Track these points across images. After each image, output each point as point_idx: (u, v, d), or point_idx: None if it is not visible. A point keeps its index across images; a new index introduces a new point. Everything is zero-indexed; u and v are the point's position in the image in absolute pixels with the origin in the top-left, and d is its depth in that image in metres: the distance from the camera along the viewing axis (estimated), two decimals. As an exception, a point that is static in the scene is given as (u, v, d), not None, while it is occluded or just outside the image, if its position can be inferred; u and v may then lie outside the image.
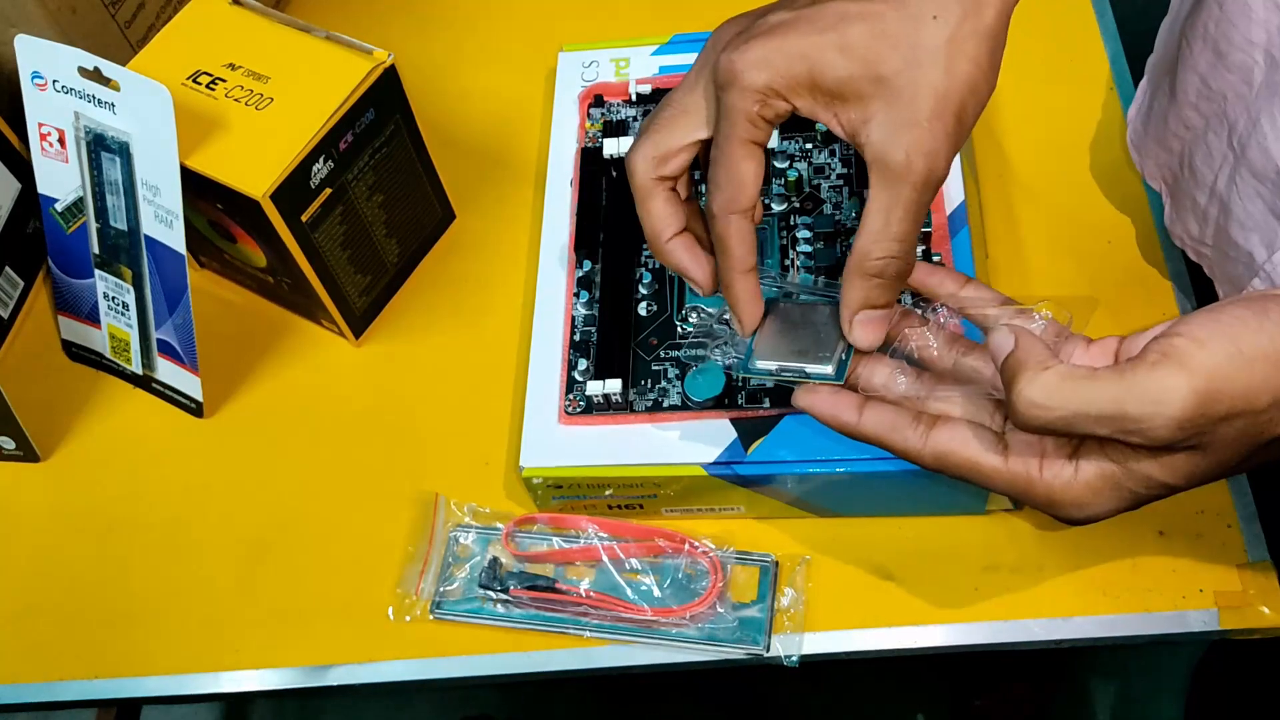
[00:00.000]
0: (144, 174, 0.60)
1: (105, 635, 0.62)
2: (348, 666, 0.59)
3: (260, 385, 0.68)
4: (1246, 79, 0.52)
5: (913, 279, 0.49)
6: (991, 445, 0.44)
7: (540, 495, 0.59)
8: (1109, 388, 0.40)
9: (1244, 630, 0.55)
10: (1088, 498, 0.43)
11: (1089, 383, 0.40)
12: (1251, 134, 0.51)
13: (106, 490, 0.66)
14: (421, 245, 0.70)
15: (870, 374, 0.49)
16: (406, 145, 0.65)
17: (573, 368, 0.59)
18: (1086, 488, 0.43)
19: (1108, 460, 0.42)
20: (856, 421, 0.47)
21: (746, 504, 0.58)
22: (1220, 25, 0.52)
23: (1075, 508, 0.43)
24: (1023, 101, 0.70)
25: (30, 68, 0.60)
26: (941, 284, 0.49)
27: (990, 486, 0.45)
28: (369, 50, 0.61)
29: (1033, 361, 0.41)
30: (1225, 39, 0.52)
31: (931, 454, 0.45)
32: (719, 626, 0.57)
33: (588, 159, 0.65)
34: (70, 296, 0.67)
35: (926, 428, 0.45)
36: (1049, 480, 0.43)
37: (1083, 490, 0.43)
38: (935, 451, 0.45)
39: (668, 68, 0.68)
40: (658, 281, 0.61)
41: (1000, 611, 0.56)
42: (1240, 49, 0.51)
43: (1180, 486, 0.42)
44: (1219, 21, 0.52)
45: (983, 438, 0.45)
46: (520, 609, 0.59)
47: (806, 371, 0.49)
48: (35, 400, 0.67)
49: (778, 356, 0.50)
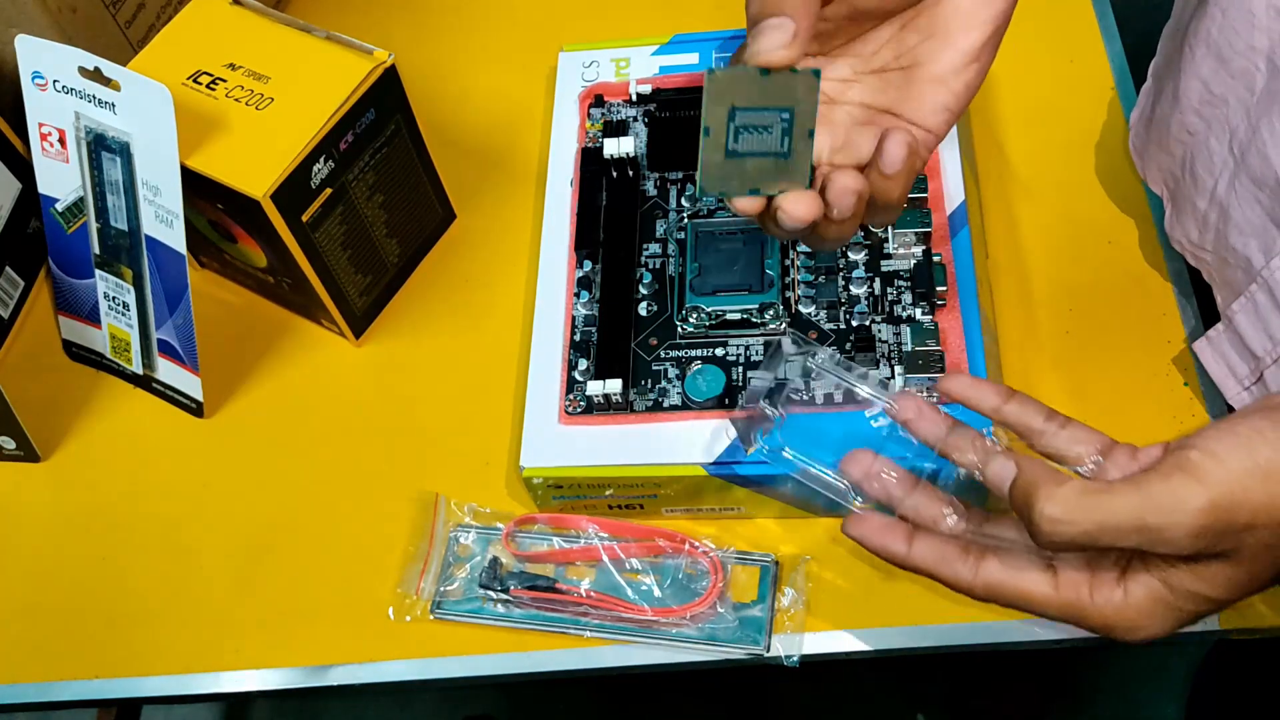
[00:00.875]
0: (144, 174, 0.60)
1: (105, 635, 0.62)
2: (348, 666, 0.59)
3: (260, 385, 0.68)
4: (1248, 85, 0.52)
5: (955, 390, 0.49)
6: (1041, 575, 0.45)
7: (540, 495, 0.59)
8: (1127, 498, 0.41)
9: (1244, 630, 0.55)
10: (1141, 620, 0.44)
11: (1107, 495, 0.41)
12: (1251, 140, 0.51)
13: (107, 490, 0.66)
14: (422, 245, 0.70)
15: (919, 506, 0.49)
16: (407, 145, 0.65)
17: (573, 368, 0.59)
18: (1138, 611, 0.44)
19: (1154, 579, 0.43)
20: (906, 553, 0.47)
21: (747, 504, 0.58)
22: (1223, 31, 0.52)
23: (1129, 631, 0.44)
24: (1023, 101, 0.70)
25: (31, 68, 0.60)
26: (983, 398, 0.49)
27: (1045, 616, 0.46)
28: (369, 50, 0.61)
29: (1044, 480, 0.42)
30: (1228, 45, 0.52)
31: (983, 586, 0.46)
32: (719, 626, 0.57)
33: (588, 159, 0.65)
34: (71, 296, 0.67)
35: (976, 559, 0.46)
36: (1100, 606, 0.44)
37: (1135, 613, 0.44)
38: (986, 583, 0.46)
39: (668, 68, 0.68)
40: (658, 281, 0.61)
41: (1000, 612, 0.56)
42: (1242, 55, 0.51)
43: (1225, 599, 0.43)
44: (1221, 27, 0.52)
45: (1033, 567, 0.46)
46: (521, 609, 0.59)
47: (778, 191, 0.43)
48: (36, 400, 0.67)
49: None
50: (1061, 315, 0.63)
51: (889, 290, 0.59)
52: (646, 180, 0.64)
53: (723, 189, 0.41)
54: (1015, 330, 0.63)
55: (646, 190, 0.64)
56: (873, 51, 0.46)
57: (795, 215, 0.42)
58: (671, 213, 0.63)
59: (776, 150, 0.41)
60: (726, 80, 0.40)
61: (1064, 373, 0.61)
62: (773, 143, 0.41)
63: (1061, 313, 0.63)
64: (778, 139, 0.41)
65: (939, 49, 0.44)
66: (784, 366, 0.56)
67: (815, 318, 0.58)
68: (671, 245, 0.61)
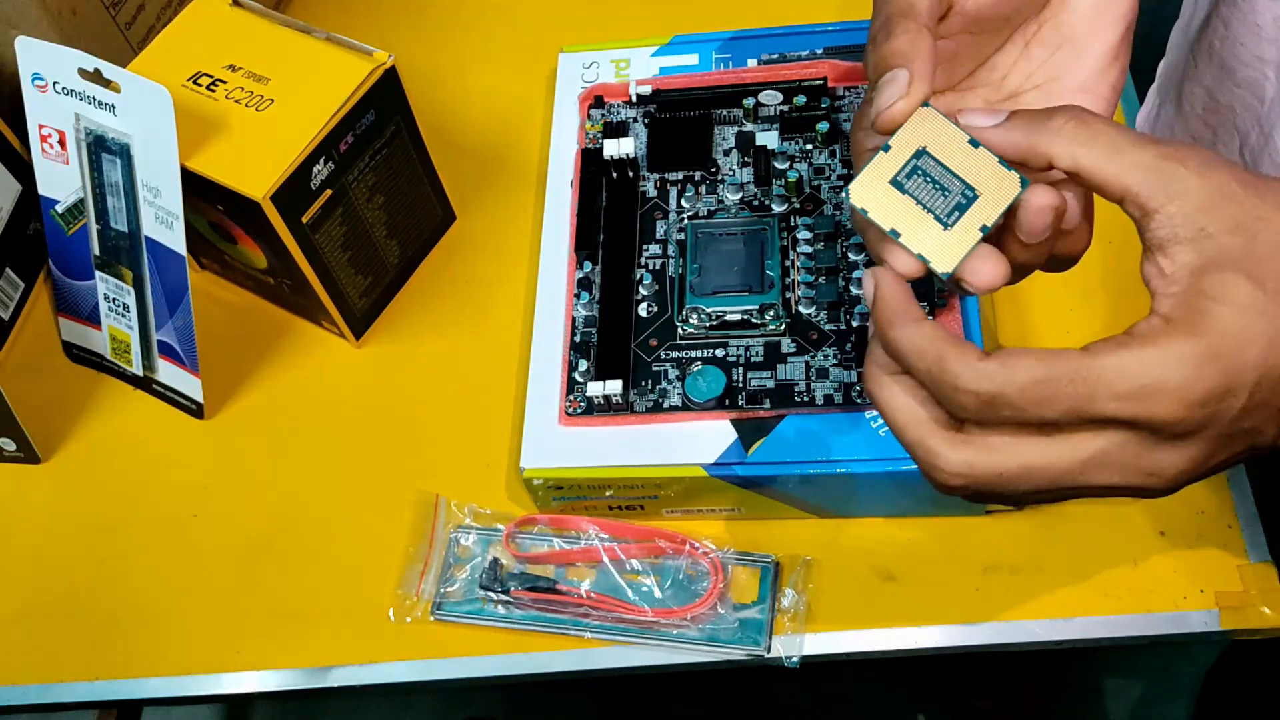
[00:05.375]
0: (144, 175, 0.60)
1: (106, 636, 0.62)
2: (348, 668, 0.59)
3: (261, 386, 0.68)
4: (1257, 94, 0.52)
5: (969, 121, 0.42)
6: None
7: (541, 496, 0.59)
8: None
9: (1245, 630, 0.55)
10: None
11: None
12: (1264, 148, 0.51)
13: (107, 492, 0.66)
14: (422, 246, 0.70)
15: None
16: (407, 146, 0.65)
17: (573, 369, 0.59)
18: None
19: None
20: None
21: (747, 505, 0.58)
22: (1226, 43, 0.52)
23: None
24: (1023, 102, 0.70)
25: (31, 69, 0.60)
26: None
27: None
28: (369, 51, 0.61)
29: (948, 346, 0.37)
30: (1232, 56, 0.52)
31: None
32: (720, 627, 0.57)
33: (588, 160, 0.65)
34: (71, 298, 0.67)
35: None
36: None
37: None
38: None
39: (668, 68, 0.68)
40: (658, 282, 0.61)
41: (1001, 612, 0.56)
42: (1248, 65, 0.52)
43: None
44: (1224, 39, 0.52)
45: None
46: (521, 610, 0.59)
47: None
48: (36, 402, 0.67)
49: None
50: (1062, 315, 0.63)
51: (889, 291, 0.59)
52: (646, 181, 0.64)
53: (865, 207, 0.40)
54: (1015, 330, 0.63)
55: (646, 191, 0.64)
56: (1002, 77, 0.43)
57: (978, 283, 0.39)
58: (671, 213, 0.63)
59: (940, 215, 0.40)
60: (935, 123, 0.39)
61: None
62: (940, 206, 0.40)
63: (1062, 313, 0.63)
64: (947, 207, 0.40)
65: (1073, 58, 0.42)
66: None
67: (815, 318, 0.58)
68: (671, 246, 0.61)
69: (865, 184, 0.40)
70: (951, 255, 0.39)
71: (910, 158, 0.40)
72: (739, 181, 0.63)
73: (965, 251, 0.39)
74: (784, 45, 0.67)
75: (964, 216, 0.39)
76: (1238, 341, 0.35)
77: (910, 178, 0.40)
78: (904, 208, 0.40)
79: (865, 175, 0.40)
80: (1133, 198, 0.37)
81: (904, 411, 0.39)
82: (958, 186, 0.39)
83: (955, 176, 0.39)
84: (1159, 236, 0.36)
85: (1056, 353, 0.36)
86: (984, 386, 0.36)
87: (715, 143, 0.64)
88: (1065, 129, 0.37)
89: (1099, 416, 0.36)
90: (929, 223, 0.39)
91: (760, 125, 0.64)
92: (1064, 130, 0.37)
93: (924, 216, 0.39)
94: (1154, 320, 0.36)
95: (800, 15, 0.68)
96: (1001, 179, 0.39)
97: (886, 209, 0.40)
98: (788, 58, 0.67)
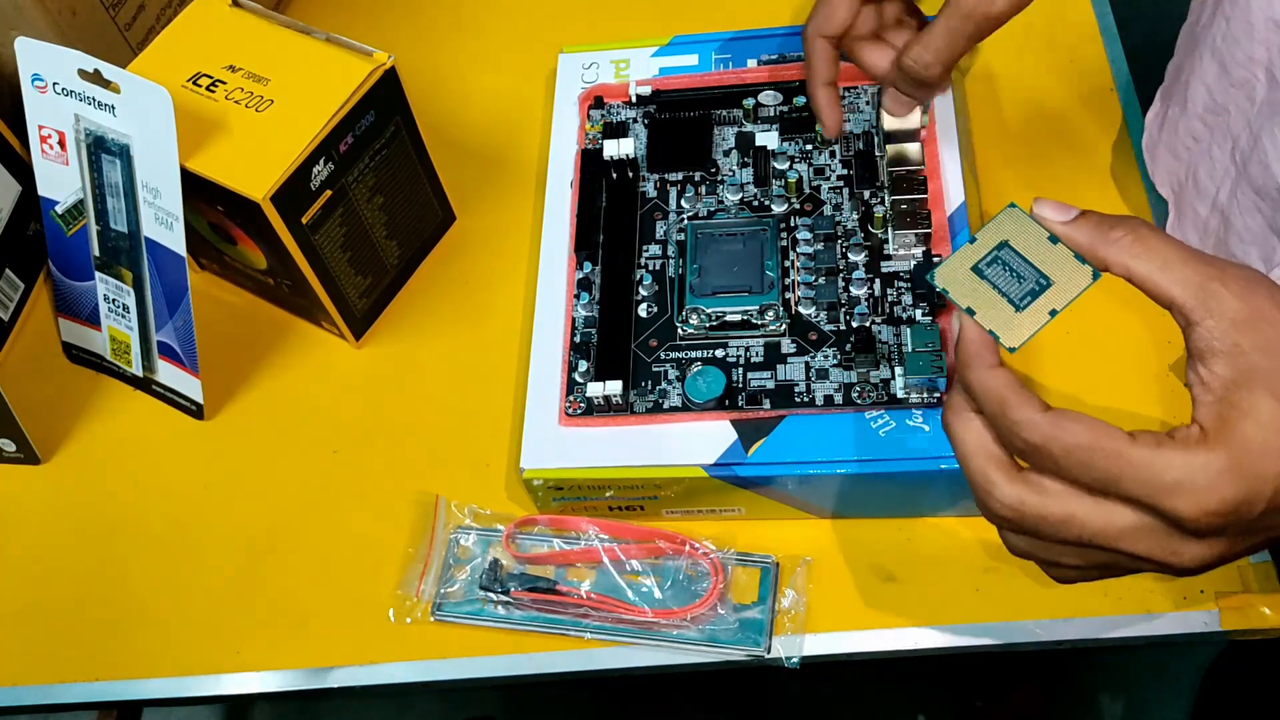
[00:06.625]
0: (144, 176, 0.60)
1: (106, 637, 0.62)
2: (349, 668, 0.59)
3: (261, 387, 0.68)
4: (1249, 95, 0.52)
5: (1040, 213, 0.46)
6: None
7: (541, 497, 0.59)
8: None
9: (1245, 631, 0.55)
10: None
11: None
12: (1253, 150, 0.51)
13: (107, 492, 0.66)
14: (422, 247, 0.70)
15: None
16: (407, 147, 0.65)
17: (573, 369, 0.59)
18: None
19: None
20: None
21: (747, 505, 0.58)
22: (1226, 40, 0.52)
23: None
24: (1024, 102, 0.70)
25: (30, 70, 0.60)
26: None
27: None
28: (369, 52, 0.61)
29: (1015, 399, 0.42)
30: (1230, 54, 0.52)
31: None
32: (720, 628, 0.57)
33: (588, 160, 0.65)
34: (71, 299, 0.67)
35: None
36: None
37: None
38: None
39: (668, 69, 0.68)
40: (658, 283, 0.61)
41: (1001, 612, 0.56)
42: (1242, 65, 0.52)
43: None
44: (1225, 36, 0.52)
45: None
46: (521, 611, 0.59)
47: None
48: (36, 402, 0.67)
49: None
50: (1061, 315, 0.63)
51: (889, 291, 0.59)
52: (646, 182, 0.64)
53: (947, 288, 0.44)
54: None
55: (646, 192, 0.64)
56: None
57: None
58: (671, 214, 0.63)
59: (1013, 299, 0.44)
60: (1019, 221, 0.44)
61: (1064, 373, 0.61)
62: (1015, 291, 0.44)
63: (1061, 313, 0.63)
64: (1022, 292, 0.44)
65: None
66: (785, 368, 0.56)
67: (815, 319, 0.58)
68: (671, 247, 0.61)
69: (950, 269, 0.45)
70: (1020, 333, 0.44)
71: (993, 249, 0.44)
72: (739, 182, 0.63)
73: (1033, 331, 0.44)
74: (784, 45, 0.67)
75: (1036, 301, 0.44)
76: (1259, 457, 0.38)
77: (991, 266, 0.44)
78: (981, 290, 0.44)
79: (949, 261, 0.45)
80: (1178, 309, 0.41)
81: (972, 443, 0.43)
82: (1033, 275, 0.44)
83: (1032, 267, 0.44)
84: (1199, 347, 0.40)
85: (1105, 427, 0.40)
86: (1033, 436, 0.41)
87: (715, 143, 0.64)
88: (1122, 241, 0.42)
89: (1125, 495, 0.40)
90: (1002, 305, 0.44)
91: (760, 126, 0.64)
92: (1121, 242, 0.42)
93: (998, 299, 0.44)
94: (1193, 428, 0.40)
95: (800, 15, 0.68)
96: (1075, 270, 0.44)
97: (964, 290, 0.44)
98: (788, 58, 0.67)
